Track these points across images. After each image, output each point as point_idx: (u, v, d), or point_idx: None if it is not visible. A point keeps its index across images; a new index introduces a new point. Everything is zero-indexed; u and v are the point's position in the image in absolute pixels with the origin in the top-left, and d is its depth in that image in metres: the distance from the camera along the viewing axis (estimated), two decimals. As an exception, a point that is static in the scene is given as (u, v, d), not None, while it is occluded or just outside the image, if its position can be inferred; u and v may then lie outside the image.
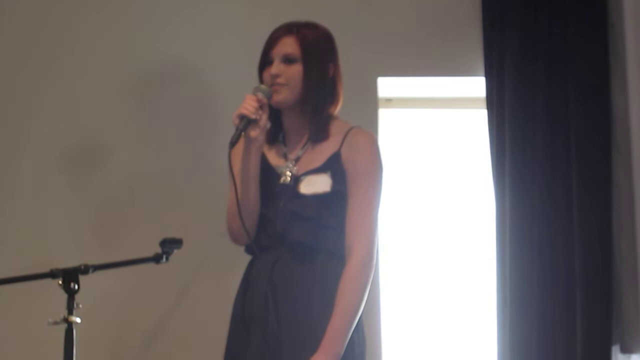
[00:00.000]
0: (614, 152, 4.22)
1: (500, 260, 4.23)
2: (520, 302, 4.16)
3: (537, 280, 4.17)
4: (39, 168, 4.36)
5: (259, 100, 3.30)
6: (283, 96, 3.36)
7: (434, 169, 4.63)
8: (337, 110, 3.46)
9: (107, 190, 4.35)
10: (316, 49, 3.39)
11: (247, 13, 4.40)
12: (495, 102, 4.33)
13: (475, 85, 4.46)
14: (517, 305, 4.16)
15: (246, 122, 3.27)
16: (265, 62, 3.40)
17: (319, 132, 3.40)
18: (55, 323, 3.30)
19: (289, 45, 3.37)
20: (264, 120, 3.31)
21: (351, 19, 4.43)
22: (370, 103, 4.41)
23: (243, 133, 3.28)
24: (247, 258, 3.46)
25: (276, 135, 3.46)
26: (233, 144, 3.26)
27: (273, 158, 3.43)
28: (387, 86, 4.51)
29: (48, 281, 3.38)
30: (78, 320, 3.32)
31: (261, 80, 3.40)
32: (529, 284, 4.17)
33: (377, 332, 4.27)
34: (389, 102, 4.63)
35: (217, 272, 4.20)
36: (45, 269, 3.40)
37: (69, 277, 3.35)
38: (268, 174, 3.39)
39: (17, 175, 4.36)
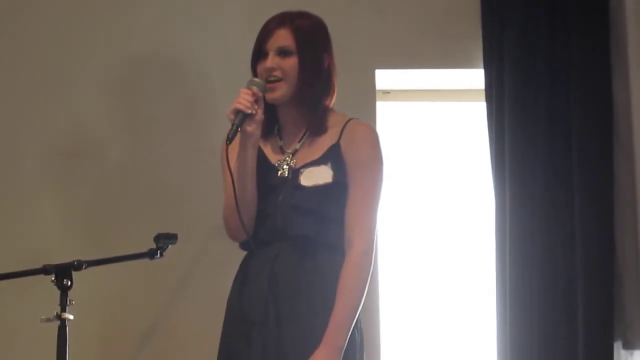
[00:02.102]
0: (616, 148, 4.19)
1: (500, 255, 4.20)
2: (521, 298, 4.13)
3: (537, 276, 4.14)
4: (31, 164, 4.32)
5: (254, 94, 3.26)
6: (280, 92, 3.33)
7: (432, 162, 4.61)
8: (333, 101, 3.43)
9: (100, 185, 4.32)
10: (311, 40, 3.36)
11: (243, 5, 4.36)
12: (494, 94, 4.30)
13: (474, 78, 4.43)
14: (518, 302, 4.13)
15: (242, 117, 3.23)
16: (259, 54, 3.36)
17: (318, 125, 3.37)
18: (48, 320, 3.29)
19: (283, 38, 3.34)
20: (260, 115, 3.27)
21: (349, 11, 4.41)
22: (368, 95, 4.39)
23: (239, 128, 3.23)
24: (244, 253, 3.42)
25: (271, 129, 3.42)
26: (230, 139, 3.21)
27: (269, 152, 3.40)
28: (385, 78, 4.48)
29: (40, 277, 3.36)
30: (71, 317, 3.30)
31: (255, 74, 3.36)
32: (529, 279, 4.15)
33: (376, 329, 4.24)
34: (387, 94, 4.61)
35: (213, 267, 4.17)
36: (38, 265, 3.38)
37: (62, 273, 3.33)
38: (265, 168, 3.35)
39: (9, 172, 4.32)
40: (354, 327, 3.23)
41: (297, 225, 3.27)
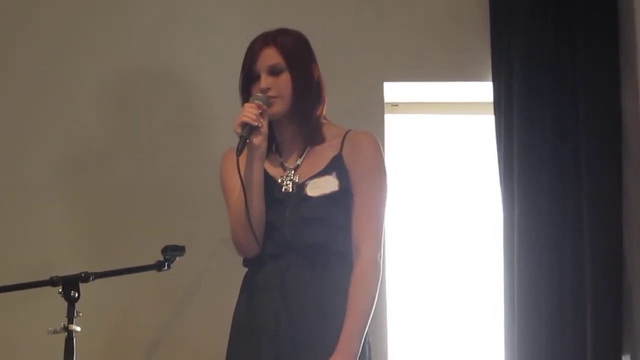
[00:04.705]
0: (625, 159, 4.17)
1: (508, 268, 4.19)
2: (529, 310, 4.11)
3: (545, 289, 4.12)
4: (38, 175, 4.32)
5: (259, 107, 3.29)
6: (278, 108, 3.37)
7: (441, 175, 4.60)
8: (325, 111, 3.47)
9: (108, 197, 4.32)
10: (298, 55, 3.41)
11: (243, 18, 4.35)
12: (503, 107, 4.29)
13: (483, 90, 4.42)
14: (526, 314, 4.11)
15: (249, 130, 3.27)
16: (250, 78, 3.41)
17: (314, 135, 3.42)
18: (55, 332, 3.28)
19: (271, 56, 3.39)
20: (265, 127, 3.31)
21: (357, 24, 4.41)
22: (377, 108, 4.39)
23: (247, 140, 3.27)
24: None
25: (269, 146, 3.44)
26: (240, 151, 3.25)
27: (270, 169, 3.43)
28: (394, 91, 4.48)
29: (48, 289, 3.36)
30: (78, 328, 3.30)
31: (244, 98, 3.39)
32: (537, 292, 4.12)
33: (384, 337, 4.23)
34: (395, 107, 4.60)
35: (220, 279, 4.15)
36: (45, 276, 3.37)
37: (69, 285, 3.33)
38: (268, 183, 3.38)
39: (17, 183, 4.32)
40: (365, 340, 3.26)
41: (307, 235, 3.29)
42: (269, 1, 4.39)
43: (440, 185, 4.59)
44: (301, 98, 3.37)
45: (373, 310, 3.27)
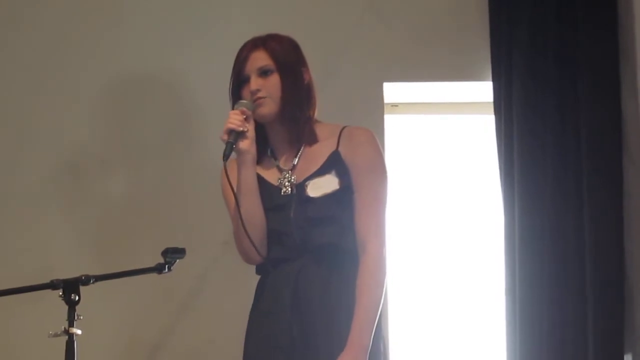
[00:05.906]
0: (625, 160, 4.17)
1: (509, 269, 4.19)
2: (530, 310, 4.11)
3: (547, 288, 4.13)
4: (38, 179, 4.33)
5: (243, 113, 3.32)
6: (267, 108, 3.38)
7: (440, 176, 4.60)
8: (316, 113, 3.47)
9: (108, 200, 4.33)
10: (287, 57, 3.43)
11: (239, 23, 4.34)
12: (503, 107, 4.29)
13: (483, 90, 4.41)
14: (527, 315, 4.11)
15: (235, 135, 3.30)
16: (240, 81, 3.43)
17: (306, 135, 3.42)
18: (56, 335, 3.26)
19: (261, 59, 3.41)
20: (252, 131, 3.33)
21: (357, 24, 4.41)
22: (376, 108, 4.38)
23: (233, 146, 3.30)
24: (250, 267, 3.42)
25: (264, 152, 3.46)
26: (227, 156, 3.27)
27: (267, 174, 3.43)
28: (393, 91, 4.48)
29: (48, 292, 3.33)
30: (79, 332, 3.27)
31: (235, 103, 3.42)
32: (538, 291, 4.13)
33: (385, 338, 4.20)
34: (395, 107, 4.60)
35: (221, 282, 4.17)
36: (46, 279, 3.35)
37: (70, 288, 3.30)
38: (267, 190, 3.39)
39: (17, 187, 4.33)
40: (379, 337, 3.27)
41: (317, 236, 3.30)
42: (266, 4, 4.39)
43: (441, 185, 4.59)
44: (290, 99, 3.38)
45: (381, 305, 3.28)
